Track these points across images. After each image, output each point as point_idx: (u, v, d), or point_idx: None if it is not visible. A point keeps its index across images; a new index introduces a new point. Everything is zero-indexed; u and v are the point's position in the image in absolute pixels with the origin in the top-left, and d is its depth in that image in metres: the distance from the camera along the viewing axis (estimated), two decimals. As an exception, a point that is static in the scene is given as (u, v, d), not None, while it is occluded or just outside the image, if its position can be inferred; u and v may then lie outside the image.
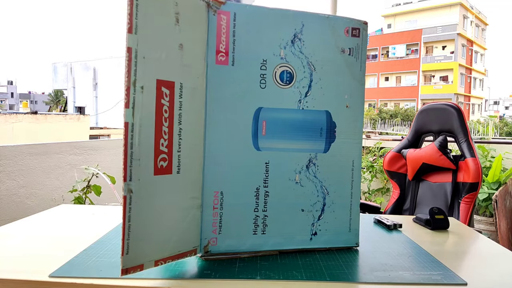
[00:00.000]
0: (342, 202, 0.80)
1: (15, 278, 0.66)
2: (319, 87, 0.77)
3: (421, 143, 1.81)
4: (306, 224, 0.78)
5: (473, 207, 1.53)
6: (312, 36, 0.77)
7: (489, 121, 12.31)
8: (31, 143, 2.33)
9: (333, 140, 0.78)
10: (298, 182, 0.77)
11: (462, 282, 0.68)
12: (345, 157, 0.79)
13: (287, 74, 0.76)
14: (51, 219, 1.05)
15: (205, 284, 0.66)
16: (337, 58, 0.78)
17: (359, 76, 0.80)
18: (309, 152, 0.77)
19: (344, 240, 0.80)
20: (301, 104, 0.77)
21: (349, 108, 0.79)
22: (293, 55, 0.76)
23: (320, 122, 0.78)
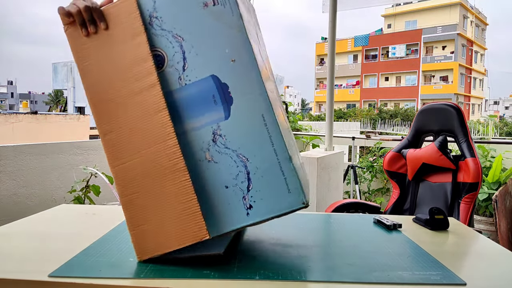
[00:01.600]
0: (268, 163, 0.69)
1: (15, 278, 0.66)
2: (195, 55, 0.71)
3: (421, 143, 1.81)
4: (236, 201, 0.70)
5: (473, 207, 1.53)
6: (167, 7, 0.72)
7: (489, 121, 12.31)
8: (31, 143, 2.33)
9: (231, 103, 0.70)
10: (210, 160, 0.71)
11: (461, 282, 0.68)
12: (252, 115, 0.70)
13: (157, 58, 0.72)
14: (51, 219, 1.05)
15: (205, 284, 0.66)
16: (201, 16, 0.71)
17: (233, 22, 0.70)
18: (210, 125, 0.71)
19: (288, 204, 0.69)
20: (182, 80, 0.72)
21: (235, 62, 0.70)
22: (155, 36, 0.72)
23: (209, 89, 0.71)
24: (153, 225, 0.72)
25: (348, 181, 3.53)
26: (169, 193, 0.70)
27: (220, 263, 0.74)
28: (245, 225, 0.70)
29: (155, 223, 0.72)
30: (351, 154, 3.92)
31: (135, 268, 0.71)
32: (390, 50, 32.78)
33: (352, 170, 3.37)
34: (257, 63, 0.70)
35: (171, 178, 0.70)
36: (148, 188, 0.72)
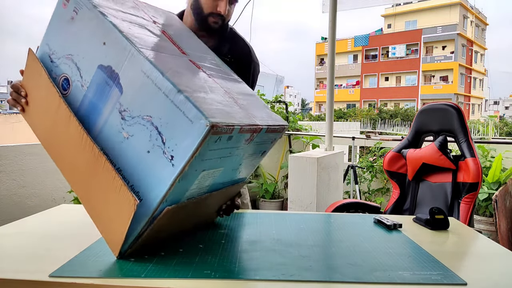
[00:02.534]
0: (164, 108, 0.71)
1: (15, 278, 0.66)
2: (82, 59, 0.80)
3: (421, 143, 1.81)
4: (159, 159, 0.71)
5: (473, 207, 1.53)
6: (54, 39, 0.85)
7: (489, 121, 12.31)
8: (31, 143, 2.33)
9: (117, 77, 0.75)
10: (128, 137, 0.74)
11: (462, 282, 0.68)
12: (135, 75, 0.74)
13: (64, 81, 0.83)
14: (51, 219, 1.05)
15: (206, 284, 0.66)
16: (73, 29, 0.81)
17: (93, 17, 0.79)
18: (114, 108, 0.75)
19: (196, 134, 0.67)
20: (84, 87, 0.80)
21: (106, 44, 0.76)
22: (57, 67, 0.84)
23: (101, 78, 0.77)
24: (102, 218, 0.77)
25: (348, 181, 3.53)
26: (98, 182, 0.76)
27: (221, 263, 0.74)
28: (175, 177, 0.69)
29: (104, 216, 0.77)
30: (351, 154, 3.92)
31: (135, 268, 0.71)
32: (390, 50, 32.78)
33: (352, 170, 3.37)
34: (125, 35, 0.76)
35: (94, 169, 0.76)
36: (85, 186, 0.79)
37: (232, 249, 0.82)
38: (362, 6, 3.88)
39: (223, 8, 1.14)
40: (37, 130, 0.88)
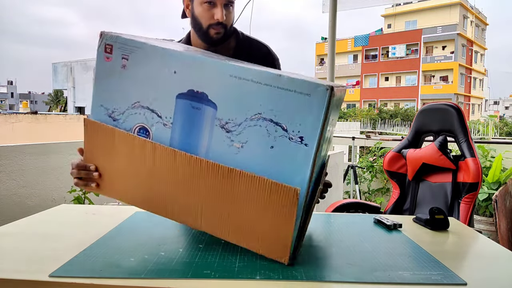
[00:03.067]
0: (280, 97, 0.70)
1: (16, 277, 0.66)
2: (141, 108, 0.78)
3: (421, 143, 1.81)
4: (289, 146, 0.70)
5: (473, 207, 1.53)
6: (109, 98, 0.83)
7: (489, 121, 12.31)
8: (31, 143, 2.33)
9: (205, 95, 0.74)
10: (242, 145, 0.73)
11: (462, 282, 0.68)
12: (233, 81, 0.73)
13: (140, 130, 0.80)
14: (51, 219, 1.05)
15: (206, 284, 0.66)
16: (122, 78, 0.78)
17: (149, 57, 0.77)
18: (215, 127, 0.73)
19: (317, 99, 0.68)
20: (167, 125, 0.78)
21: (177, 72, 0.74)
22: (133, 115, 0.80)
23: (185, 107, 0.75)
24: (258, 231, 0.74)
25: (348, 181, 3.53)
26: (239, 198, 0.74)
27: (221, 263, 0.74)
28: (313, 155, 0.69)
29: (260, 228, 0.74)
30: (351, 154, 3.92)
31: (135, 268, 0.71)
32: (390, 50, 32.77)
33: (352, 170, 3.37)
34: (192, 55, 0.75)
35: (226, 187, 0.74)
36: (223, 213, 0.76)
37: (232, 249, 0.82)
38: (362, 6, 3.88)
39: (219, 14, 1.09)
40: (128, 195, 0.81)
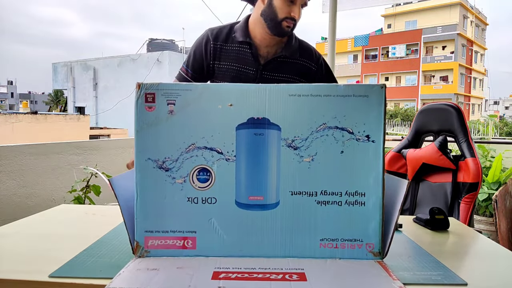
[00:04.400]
0: (342, 103, 0.75)
1: (15, 278, 0.66)
2: (197, 149, 0.75)
3: (421, 143, 1.81)
4: (356, 149, 0.75)
5: (473, 207, 1.53)
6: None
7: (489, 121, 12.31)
8: (31, 143, 2.33)
9: (267, 122, 0.75)
10: (311, 159, 0.75)
11: (462, 282, 0.68)
12: (293, 100, 0.75)
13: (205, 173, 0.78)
14: (51, 219, 1.05)
15: (205, 284, 0.66)
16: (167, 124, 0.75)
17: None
18: (279, 149, 0.74)
19: (380, 95, 0.75)
20: (229, 164, 0.77)
21: (234, 104, 0.74)
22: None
23: (248, 136, 0.74)
24: None
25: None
26: None
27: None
28: (382, 150, 0.74)
29: None
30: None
31: (135, 268, 0.71)
32: (390, 50, 32.77)
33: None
34: (244, 85, 0.75)
35: None
36: None
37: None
38: (362, 6, 3.88)
39: (297, 13, 1.23)
40: None
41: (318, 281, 0.66)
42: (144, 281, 0.64)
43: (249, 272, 0.68)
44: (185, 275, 0.67)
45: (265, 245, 0.75)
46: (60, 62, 20.84)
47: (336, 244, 0.75)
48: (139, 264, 0.71)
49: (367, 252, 0.75)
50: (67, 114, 15.11)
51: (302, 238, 0.75)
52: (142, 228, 0.74)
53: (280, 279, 0.66)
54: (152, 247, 0.75)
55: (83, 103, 19.74)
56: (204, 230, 0.75)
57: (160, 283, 0.63)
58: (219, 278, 0.65)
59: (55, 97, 38.21)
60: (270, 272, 0.68)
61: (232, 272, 0.68)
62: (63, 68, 20.36)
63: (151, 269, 0.69)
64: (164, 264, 0.71)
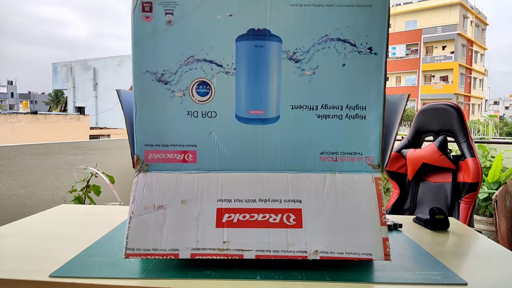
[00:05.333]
0: (344, 14, 0.74)
1: (15, 278, 0.66)
2: (196, 62, 0.75)
3: (421, 143, 1.81)
4: (357, 61, 0.73)
5: (473, 207, 1.53)
6: None
7: (489, 121, 12.31)
8: (31, 143, 2.33)
9: (268, 33, 0.74)
10: (313, 72, 0.74)
11: (462, 282, 0.68)
12: (294, 10, 0.74)
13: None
14: (51, 219, 1.05)
15: (206, 284, 0.66)
16: None
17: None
18: (279, 62, 0.74)
19: (383, 6, 0.73)
20: (229, 77, 0.76)
21: (233, 14, 0.73)
22: None
23: (248, 48, 0.73)
24: None
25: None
26: None
27: (221, 263, 0.74)
28: (384, 63, 0.73)
29: None
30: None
31: (135, 268, 0.71)
32: (390, 50, 32.75)
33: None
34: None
35: None
36: None
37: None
38: (362, 6, 3.87)
39: None
40: None
41: (312, 227, 0.69)
42: (156, 234, 0.67)
43: (250, 209, 0.70)
44: (191, 222, 0.69)
45: (265, 159, 0.74)
46: (60, 62, 20.84)
47: (336, 157, 0.74)
48: (144, 194, 0.71)
49: (366, 165, 0.74)
50: (67, 114, 15.12)
51: (302, 152, 0.74)
52: (142, 141, 0.73)
53: (278, 223, 0.69)
54: (152, 160, 0.74)
55: (83, 103, 19.75)
56: (204, 144, 0.74)
57: (170, 240, 0.67)
58: (223, 225, 0.68)
59: (55, 97, 38.20)
60: (269, 210, 0.70)
61: (234, 210, 0.69)
62: (63, 68, 20.36)
63: (157, 207, 0.69)
64: (168, 195, 0.71)
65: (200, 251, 0.67)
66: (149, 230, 0.68)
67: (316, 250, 0.68)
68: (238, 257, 0.67)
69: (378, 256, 0.68)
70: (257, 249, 0.67)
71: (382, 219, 0.70)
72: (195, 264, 0.73)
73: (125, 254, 0.66)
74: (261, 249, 0.67)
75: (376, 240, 0.68)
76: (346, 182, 0.73)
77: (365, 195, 0.71)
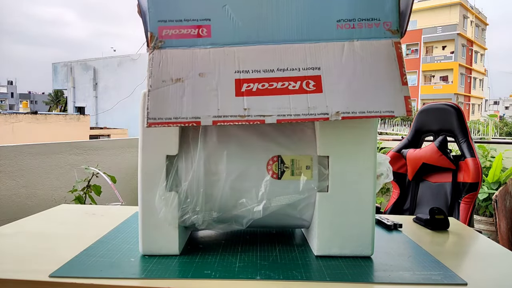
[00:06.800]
0: None
1: (15, 278, 0.66)
2: None
3: (421, 143, 1.81)
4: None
5: (473, 207, 1.53)
6: None
7: (489, 121, 12.31)
8: (31, 143, 2.33)
9: None
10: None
11: (462, 282, 0.68)
12: None
13: None
14: (51, 219, 1.05)
15: (206, 284, 0.66)
16: None
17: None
18: None
19: None
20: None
21: None
22: None
23: None
24: None
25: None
26: None
27: (221, 263, 0.74)
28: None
29: None
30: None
31: (135, 268, 0.71)
32: (390, 50, 32.67)
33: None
34: None
35: None
36: None
37: (232, 249, 0.82)
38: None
39: None
40: None
41: (332, 91, 0.68)
42: (176, 105, 0.67)
43: (268, 78, 0.69)
44: (211, 92, 0.69)
45: (282, 30, 0.73)
46: (60, 62, 20.83)
47: (353, 24, 0.73)
48: (161, 69, 0.70)
49: (385, 30, 0.73)
50: (67, 114, 15.11)
51: (318, 21, 0.73)
52: (155, 18, 0.72)
53: (297, 90, 0.68)
54: (166, 36, 0.73)
55: (83, 103, 19.74)
56: (218, 17, 0.73)
57: (190, 109, 0.67)
58: (242, 94, 0.68)
59: (55, 97, 38.21)
60: (288, 78, 0.69)
61: (252, 80, 0.69)
62: (63, 68, 20.36)
63: (175, 80, 0.70)
64: (185, 69, 0.71)
65: (222, 118, 0.67)
66: (169, 101, 0.68)
67: (338, 111, 0.67)
68: (260, 122, 0.67)
69: (400, 112, 0.66)
70: (278, 114, 0.67)
71: (403, 79, 0.68)
72: (194, 264, 0.73)
73: (147, 123, 0.66)
74: (282, 113, 0.67)
75: (397, 98, 0.67)
76: (365, 49, 0.72)
77: (385, 59, 0.70)
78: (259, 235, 0.92)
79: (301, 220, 0.80)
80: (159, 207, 0.75)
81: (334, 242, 0.77)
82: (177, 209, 0.75)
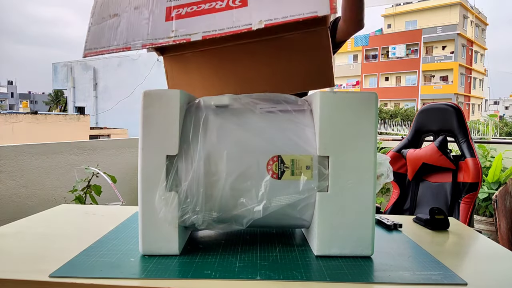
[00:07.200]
0: None
1: (15, 278, 0.66)
2: None
3: (421, 143, 1.81)
4: None
5: (473, 207, 1.53)
6: None
7: (489, 121, 12.31)
8: (31, 143, 2.33)
9: None
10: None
11: (462, 282, 0.68)
12: None
13: None
14: (51, 219, 1.05)
15: (206, 284, 0.66)
16: None
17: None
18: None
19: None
20: None
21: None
22: None
23: None
24: None
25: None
26: None
27: (221, 263, 0.74)
28: None
29: None
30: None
31: (135, 268, 0.71)
32: (390, 50, 32.76)
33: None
34: None
35: None
36: None
37: (232, 249, 0.82)
38: (362, 6, 3.86)
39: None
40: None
41: (258, 2, 0.70)
42: (111, 35, 0.74)
43: (197, 2, 0.73)
44: (143, 21, 0.74)
45: None
46: (60, 62, 20.82)
47: None
48: (102, 8, 0.78)
49: None
50: (67, 114, 15.10)
51: None
52: None
53: (224, 7, 0.71)
54: None
55: (83, 103, 19.73)
56: None
57: (123, 37, 0.73)
58: (171, 18, 0.72)
59: (55, 97, 38.19)
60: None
61: (182, 6, 0.74)
62: (63, 68, 20.35)
63: (112, 15, 0.77)
64: (122, 4, 0.77)
65: (150, 41, 0.71)
66: (105, 33, 0.74)
67: (260, 20, 0.69)
68: (186, 41, 0.70)
69: (323, 10, 0.67)
70: (204, 31, 0.70)
71: None
72: (194, 264, 0.73)
73: (84, 53, 0.72)
74: (207, 30, 0.70)
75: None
76: None
77: None
78: (259, 235, 0.92)
79: (301, 220, 0.80)
80: (159, 207, 0.75)
81: (334, 242, 0.77)
82: (177, 209, 0.75)
